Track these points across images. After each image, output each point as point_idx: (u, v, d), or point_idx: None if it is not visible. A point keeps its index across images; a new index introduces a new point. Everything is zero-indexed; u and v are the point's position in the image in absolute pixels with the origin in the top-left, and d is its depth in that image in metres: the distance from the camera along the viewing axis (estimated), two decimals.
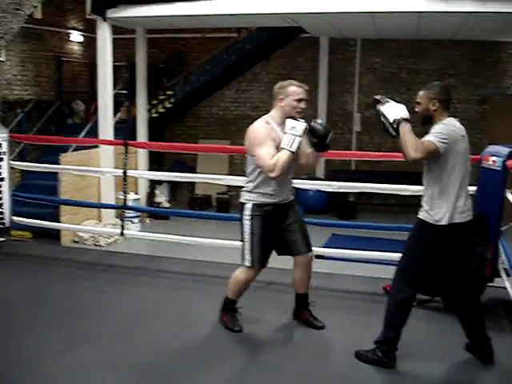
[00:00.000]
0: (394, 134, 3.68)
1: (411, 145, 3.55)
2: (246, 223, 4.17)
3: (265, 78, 12.57)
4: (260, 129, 4.05)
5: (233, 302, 4.43)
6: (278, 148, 3.96)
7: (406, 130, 3.62)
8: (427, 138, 3.59)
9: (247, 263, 4.21)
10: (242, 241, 4.25)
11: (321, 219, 7.38)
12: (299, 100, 4.08)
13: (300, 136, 3.94)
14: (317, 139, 4.11)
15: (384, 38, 11.14)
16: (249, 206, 4.16)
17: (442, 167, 3.64)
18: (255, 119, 4.22)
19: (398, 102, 3.77)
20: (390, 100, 3.78)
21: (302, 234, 4.28)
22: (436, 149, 3.55)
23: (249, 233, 4.16)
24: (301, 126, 3.96)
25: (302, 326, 4.55)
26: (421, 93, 3.78)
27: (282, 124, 4.05)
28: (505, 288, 4.83)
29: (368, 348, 3.93)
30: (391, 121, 3.68)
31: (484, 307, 4.86)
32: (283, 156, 3.91)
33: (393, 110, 3.71)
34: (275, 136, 4.02)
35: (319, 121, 4.16)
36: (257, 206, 4.13)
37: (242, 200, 4.24)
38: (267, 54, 11.81)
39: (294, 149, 3.91)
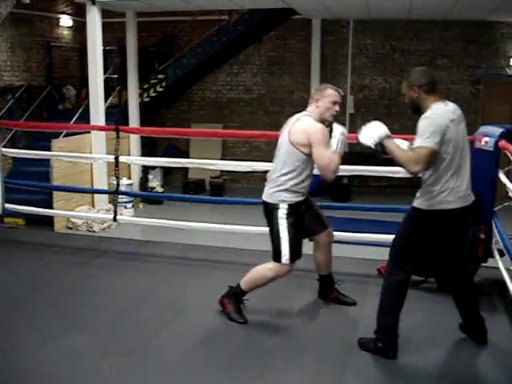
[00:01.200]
0: (383, 156, 3.73)
1: (406, 159, 3.52)
2: (283, 222, 4.16)
3: (257, 61, 12.49)
4: (324, 129, 4.13)
5: (244, 293, 4.39)
6: None
7: (391, 148, 3.61)
8: (416, 143, 3.51)
9: (285, 260, 4.14)
10: (273, 239, 4.21)
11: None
12: (334, 102, 4.23)
13: (345, 141, 4.18)
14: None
15: (376, 19, 11.06)
16: (284, 206, 4.17)
17: (440, 157, 3.56)
18: (248, 102, 4.25)
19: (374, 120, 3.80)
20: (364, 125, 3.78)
21: (321, 213, 4.56)
22: (431, 150, 3.47)
23: (286, 231, 4.14)
24: (346, 130, 4.19)
25: (299, 312, 4.56)
26: (403, 84, 3.77)
27: None
28: (498, 268, 4.84)
29: (364, 329, 3.93)
30: (373, 147, 3.67)
31: (477, 287, 4.89)
32: (336, 158, 4.05)
33: (368, 135, 3.69)
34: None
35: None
36: (290, 206, 4.17)
37: (272, 199, 4.22)
38: (259, 36, 11.73)
39: (341, 153, 4.10)
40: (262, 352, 3.93)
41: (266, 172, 4.43)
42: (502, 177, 4.88)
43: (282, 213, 4.15)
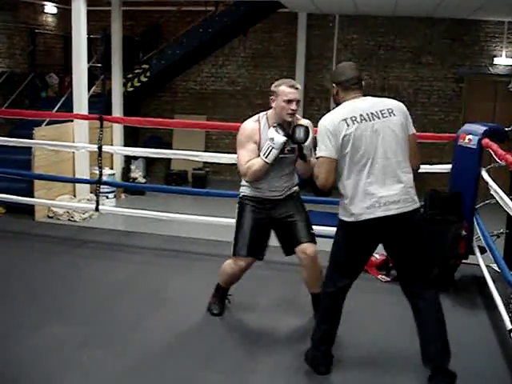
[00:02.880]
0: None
1: (314, 174, 3.37)
2: (236, 214, 4.11)
3: (242, 53, 12.48)
4: (245, 129, 4.00)
5: (223, 289, 4.35)
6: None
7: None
8: (317, 152, 3.32)
9: (232, 251, 4.09)
10: None
11: None
12: (288, 101, 3.85)
13: (276, 149, 3.79)
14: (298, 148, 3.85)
15: (362, 15, 11.09)
16: (239, 195, 4.13)
17: (340, 160, 3.26)
18: (232, 94, 4.20)
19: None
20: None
21: (302, 225, 4.07)
22: (329, 159, 3.24)
23: (236, 222, 4.09)
24: (279, 138, 3.78)
25: (284, 308, 4.56)
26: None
27: None
28: (478, 265, 4.88)
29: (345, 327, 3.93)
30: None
31: (458, 284, 4.94)
32: (257, 164, 3.86)
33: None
34: (257, 138, 3.92)
35: (302, 128, 3.81)
36: (246, 198, 4.09)
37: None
38: (245, 28, 11.69)
39: (269, 160, 3.82)
40: (245, 344, 3.93)
41: None
42: (485, 174, 4.92)
43: (238, 205, 4.12)
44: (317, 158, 3.34)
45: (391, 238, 3.33)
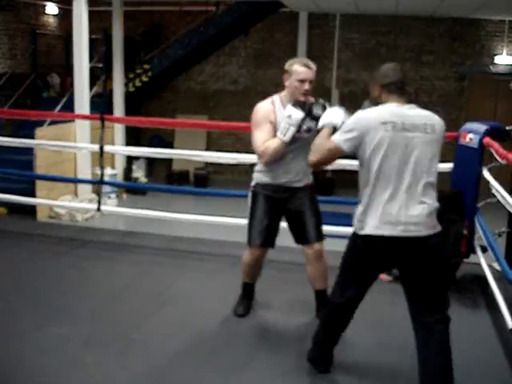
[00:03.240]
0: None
1: (313, 148, 3.24)
2: (249, 201, 4.05)
3: (243, 53, 12.49)
4: (260, 110, 3.89)
5: (247, 285, 4.32)
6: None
7: (322, 133, 3.30)
8: (335, 133, 3.18)
9: (247, 240, 4.07)
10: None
11: None
12: (301, 81, 3.79)
13: (295, 126, 3.70)
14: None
15: (363, 14, 11.09)
16: (252, 183, 4.06)
17: (364, 165, 3.09)
18: (233, 94, 4.18)
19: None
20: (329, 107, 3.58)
21: (312, 222, 4.03)
22: (335, 147, 3.10)
23: (250, 210, 4.04)
24: (297, 115, 3.69)
25: (287, 308, 4.55)
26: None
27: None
28: (480, 264, 4.89)
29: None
30: (319, 126, 3.42)
31: (459, 283, 4.94)
32: (274, 143, 3.77)
33: (330, 116, 3.41)
34: (273, 118, 3.84)
35: (320, 105, 3.72)
36: (259, 185, 4.01)
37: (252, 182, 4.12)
38: (246, 28, 11.69)
39: (287, 138, 3.73)
40: (247, 344, 3.94)
41: (251, 164, 4.40)
42: (486, 173, 4.92)
43: (250, 191, 4.06)
44: (330, 136, 3.18)
45: (405, 262, 3.10)
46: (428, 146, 3.03)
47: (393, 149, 2.98)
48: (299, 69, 3.80)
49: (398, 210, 2.99)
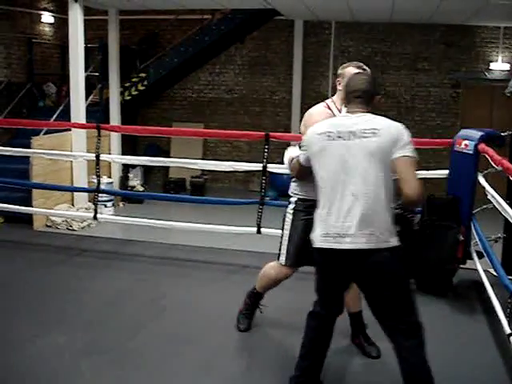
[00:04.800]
0: None
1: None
2: (288, 217, 3.83)
3: (239, 61, 12.50)
4: (315, 114, 3.70)
5: (258, 294, 4.19)
6: None
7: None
8: None
9: (281, 260, 3.88)
10: (281, 236, 3.91)
11: None
12: None
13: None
14: None
15: (358, 22, 11.14)
16: (293, 199, 3.84)
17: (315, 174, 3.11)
18: (229, 102, 4.16)
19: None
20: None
21: None
22: (297, 162, 3.32)
23: (289, 228, 3.82)
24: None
25: (287, 318, 4.53)
26: None
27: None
28: (476, 270, 4.89)
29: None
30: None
31: (456, 288, 4.95)
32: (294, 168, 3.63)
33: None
34: None
35: None
36: (300, 200, 3.79)
37: (289, 191, 3.92)
38: (241, 36, 11.72)
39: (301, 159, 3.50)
40: (245, 353, 3.93)
41: (247, 172, 4.38)
42: (481, 180, 4.93)
43: (291, 207, 3.83)
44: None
45: (352, 275, 3.02)
46: (367, 154, 2.88)
47: (329, 159, 2.97)
48: (353, 70, 3.66)
49: (335, 221, 2.91)
